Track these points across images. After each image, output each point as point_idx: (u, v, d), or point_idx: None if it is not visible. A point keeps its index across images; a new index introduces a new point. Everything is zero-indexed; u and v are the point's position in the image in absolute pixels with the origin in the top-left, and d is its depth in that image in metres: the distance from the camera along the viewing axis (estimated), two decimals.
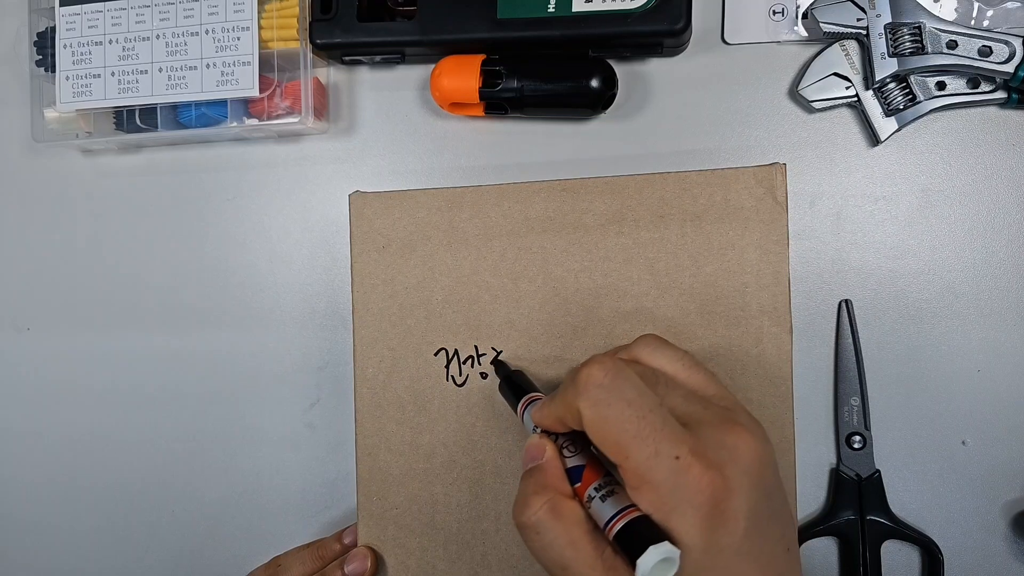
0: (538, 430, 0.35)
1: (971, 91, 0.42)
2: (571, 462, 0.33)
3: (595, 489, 0.31)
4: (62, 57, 0.49)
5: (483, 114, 0.46)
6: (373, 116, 0.49)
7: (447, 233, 0.44)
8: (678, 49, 0.45)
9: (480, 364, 0.43)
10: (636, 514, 0.29)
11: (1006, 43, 0.40)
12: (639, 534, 0.28)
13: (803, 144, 0.44)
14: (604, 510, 0.30)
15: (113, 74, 0.48)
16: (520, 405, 0.38)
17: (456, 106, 0.46)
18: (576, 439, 0.33)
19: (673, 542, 0.28)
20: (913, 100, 0.42)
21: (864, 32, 0.41)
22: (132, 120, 0.49)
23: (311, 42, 0.46)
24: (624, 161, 0.46)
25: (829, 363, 0.44)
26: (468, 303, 0.43)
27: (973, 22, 0.42)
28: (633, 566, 0.28)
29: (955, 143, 0.43)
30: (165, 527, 0.52)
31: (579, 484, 0.32)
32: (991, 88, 0.41)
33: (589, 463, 0.32)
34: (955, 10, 0.42)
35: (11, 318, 0.54)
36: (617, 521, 0.29)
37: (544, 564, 0.31)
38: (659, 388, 0.32)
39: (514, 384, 0.40)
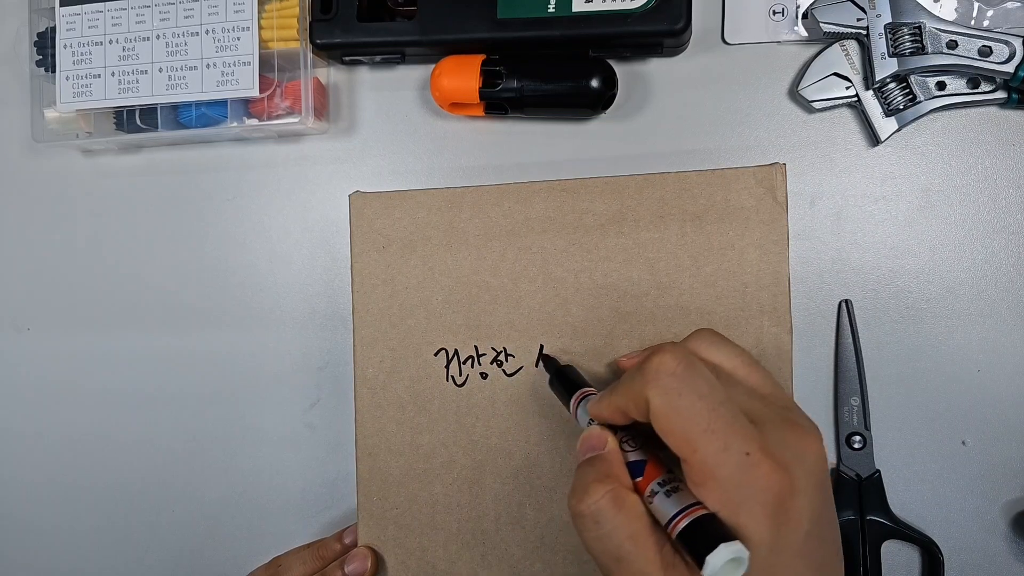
0: (593, 424, 0.34)
1: (971, 91, 0.42)
2: (631, 456, 0.32)
3: (658, 484, 0.30)
4: (62, 57, 0.49)
5: (483, 114, 0.46)
6: (373, 116, 0.49)
7: (447, 233, 0.44)
8: (678, 49, 0.45)
9: (480, 364, 0.43)
10: (702, 512, 0.28)
11: (1006, 43, 0.40)
12: (707, 532, 0.27)
13: (803, 144, 0.44)
14: (668, 506, 0.29)
15: (113, 74, 0.48)
16: (573, 400, 0.37)
17: (456, 106, 0.46)
18: (636, 434, 0.32)
19: (741, 541, 0.27)
20: (913, 100, 0.42)
21: (864, 32, 0.41)
22: (132, 120, 0.49)
23: (311, 42, 0.46)
24: (624, 161, 0.46)
25: (829, 363, 0.44)
26: (468, 303, 0.43)
27: (973, 22, 0.42)
28: (700, 564, 0.27)
29: (955, 143, 0.43)
30: (165, 527, 0.52)
31: (640, 479, 0.31)
32: (991, 88, 0.41)
33: (651, 458, 0.31)
34: (955, 10, 0.42)
35: (11, 318, 0.54)
36: (683, 518, 0.28)
37: (597, 555, 0.30)
38: (722, 383, 0.31)
39: (566, 379, 0.39)
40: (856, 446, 0.43)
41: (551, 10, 0.43)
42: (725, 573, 0.27)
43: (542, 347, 0.43)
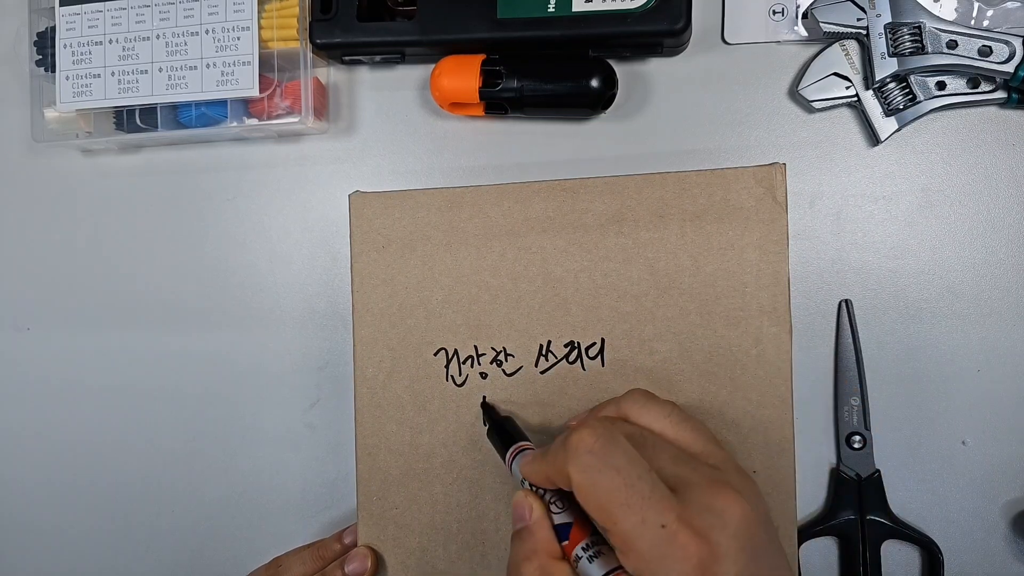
0: (526, 483, 0.35)
1: (971, 91, 0.42)
2: (559, 519, 0.33)
3: (583, 548, 0.32)
4: (62, 57, 0.49)
5: (483, 114, 0.46)
6: (373, 116, 0.49)
7: (447, 233, 0.44)
8: (678, 49, 0.45)
9: (480, 364, 0.43)
10: None
11: (1006, 43, 0.40)
12: None
13: (803, 144, 0.44)
14: (592, 571, 0.31)
15: (113, 74, 0.48)
16: (509, 454, 0.38)
17: (456, 106, 0.46)
18: (565, 495, 0.34)
19: None
20: (913, 100, 0.42)
21: (864, 32, 0.41)
22: (132, 120, 0.49)
23: (311, 42, 0.46)
24: (624, 161, 0.46)
25: (829, 363, 0.44)
26: (468, 303, 0.43)
27: (973, 22, 0.41)
28: None
29: (955, 143, 0.43)
30: (165, 527, 0.52)
31: (567, 542, 0.32)
32: (991, 88, 0.41)
33: (577, 521, 0.33)
34: (955, 10, 0.42)
35: (11, 318, 0.54)
36: None
37: None
38: (647, 450, 0.32)
39: (503, 431, 0.40)
40: (856, 446, 0.43)
41: (551, 10, 0.43)
42: None
43: (484, 397, 0.43)
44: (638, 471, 0.30)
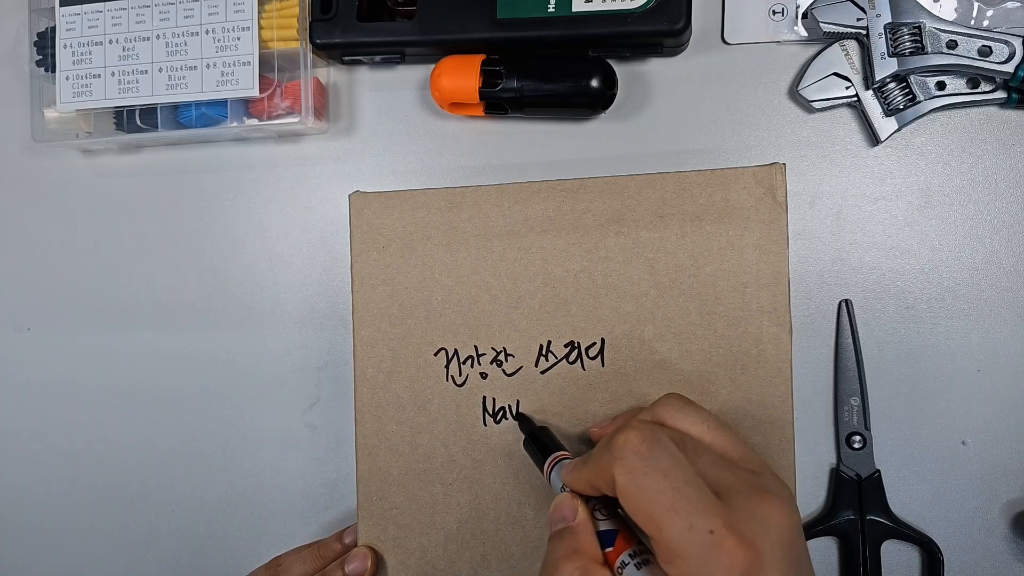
0: (566, 490, 0.34)
1: (971, 91, 0.42)
2: (603, 525, 0.32)
3: (629, 556, 0.31)
4: (62, 57, 0.49)
5: (483, 114, 0.46)
6: (373, 116, 0.49)
7: (447, 233, 0.44)
8: (678, 49, 0.45)
9: (480, 364, 0.43)
10: None
11: (1006, 43, 0.40)
12: None
13: (803, 144, 0.44)
14: None
15: (113, 74, 0.48)
16: (547, 464, 0.38)
17: (456, 106, 0.46)
18: (608, 502, 0.33)
19: None
20: (913, 100, 0.42)
21: (864, 32, 0.41)
22: (132, 120, 0.49)
23: (311, 42, 0.46)
24: (624, 161, 0.46)
25: (829, 363, 0.44)
26: (468, 303, 0.43)
27: (973, 22, 0.41)
28: None
29: (955, 143, 0.43)
30: (165, 527, 0.52)
31: (611, 549, 0.31)
32: (991, 88, 0.41)
33: (622, 528, 0.32)
34: (955, 10, 0.42)
35: (11, 318, 0.54)
36: None
37: None
38: (688, 454, 0.31)
39: (539, 441, 0.40)
40: (856, 446, 0.43)
41: (551, 10, 0.43)
42: None
43: (518, 402, 0.43)
44: (685, 475, 0.29)
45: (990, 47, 0.40)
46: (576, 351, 0.42)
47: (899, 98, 0.42)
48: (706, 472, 0.31)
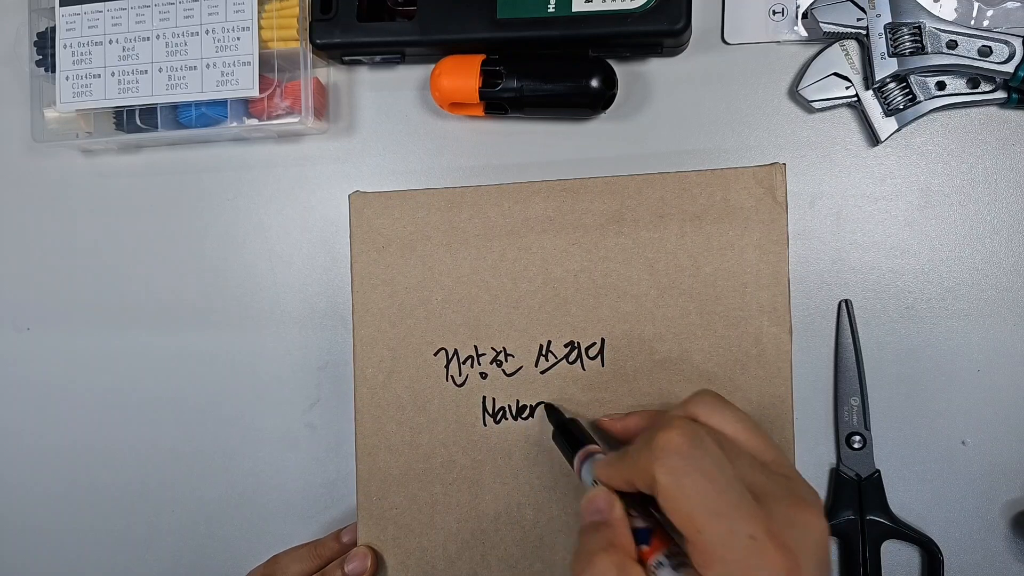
0: (598, 484, 0.33)
1: (971, 91, 0.42)
2: (637, 523, 0.31)
3: (665, 556, 0.30)
4: (62, 57, 0.49)
5: (483, 114, 0.46)
6: (373, 116, 0.49)
7: (447, 233, 0.44)
8: (678, 49, 0.45)
9: (480, 364, 0.43)
10: None
11: (1006, 43, 0.40)
12: None
13: (803, 144, 0.44)
14: None
15: (113, 74, 0.48)
16: (577, 458, 0.37)
17: (456, 106, 0.46)
18: (641, 500, 0.32)
19: None
20: (913, 100, 0.42)
21: (864, 32, 0.41)
22: (132, 120, 0.49)
23: (311, 42, 0.46)
24: (624, 161, 0.46)
25: (829, 363, 0.44)
26: (468, 303, 0.43)
27: (973, 22, 0.41)
28: None
29: (955, 143, 0.43)
30: (165, 527, 0.52)
31: (646, 547, 0.31)
32: (991, 88, 0.41)
33: (657, 527, 0.31)
34: (955, 10, 0.42)
35: (11, 318, 0.54)
36: None
37: None
38: (727, 455, 0.31)
39: (570, 434, 0.39)
40: (856, 446, 0.43)
41: (551, 10, 0.43)
42: None
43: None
44: (727, 478, 0.29)
45: (990, 47, 0.40)
46: (576, 351, 0.42)
47: (899, 98, 0.42)
48: (744, 475, 0.30)
